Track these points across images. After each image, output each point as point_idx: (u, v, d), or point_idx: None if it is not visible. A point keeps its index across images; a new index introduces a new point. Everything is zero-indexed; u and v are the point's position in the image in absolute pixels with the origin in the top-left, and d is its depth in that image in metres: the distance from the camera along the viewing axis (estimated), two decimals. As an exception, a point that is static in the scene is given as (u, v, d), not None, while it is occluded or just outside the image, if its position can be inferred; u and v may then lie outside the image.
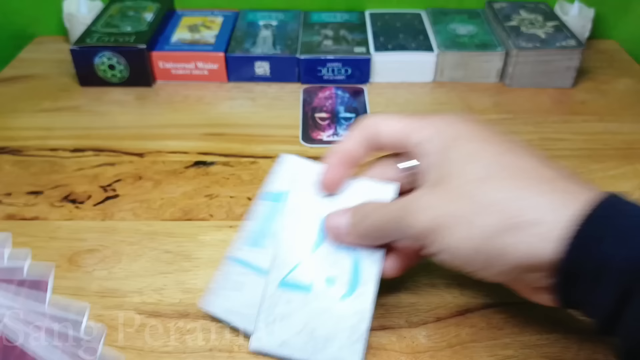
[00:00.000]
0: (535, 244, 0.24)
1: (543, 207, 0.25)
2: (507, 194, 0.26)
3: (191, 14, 0.65)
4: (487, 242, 0.25)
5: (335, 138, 0.50)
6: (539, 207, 0.25)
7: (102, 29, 0.58)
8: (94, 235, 0.40)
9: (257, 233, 0.31)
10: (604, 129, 0.52)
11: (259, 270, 0.30)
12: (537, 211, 0.25)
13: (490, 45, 0.58)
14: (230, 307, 0.30)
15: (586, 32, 0.63)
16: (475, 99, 0.56)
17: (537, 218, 0.25)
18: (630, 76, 0.61)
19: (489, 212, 0.26)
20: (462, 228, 0.26)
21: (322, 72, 0.58)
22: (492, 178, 0.27)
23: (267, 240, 0.31)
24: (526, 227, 0.25)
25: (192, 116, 0.54)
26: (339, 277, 0.30)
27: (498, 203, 0.26)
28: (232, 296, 0.30)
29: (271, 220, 0.31)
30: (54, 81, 0.59)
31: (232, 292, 0.30)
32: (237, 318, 0.29)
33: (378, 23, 0.64)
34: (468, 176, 0.27)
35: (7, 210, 0.42)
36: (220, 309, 0.31)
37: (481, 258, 0.26)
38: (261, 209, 0.32)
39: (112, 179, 0.45)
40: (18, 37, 0.68)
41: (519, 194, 0.26)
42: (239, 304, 0.30)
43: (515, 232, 0.25)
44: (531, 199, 0.25)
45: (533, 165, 0.27)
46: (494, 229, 0.25)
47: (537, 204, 0.25)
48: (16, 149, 0.49)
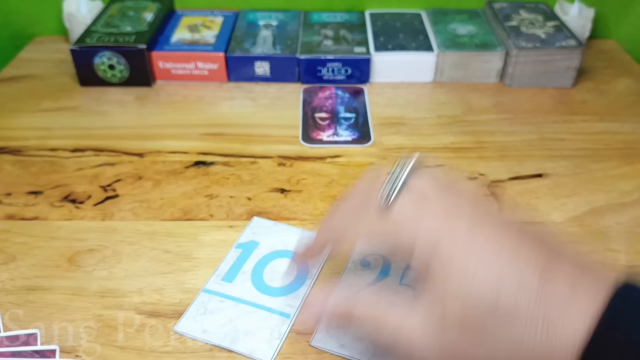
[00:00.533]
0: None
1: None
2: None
3: (191, 14, 0.65)
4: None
5: (335, 138, 0.50)
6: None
7: (102, 29, 0.58)
8: (94, 235, 0.40)
9: (230, 272, 0.38)
10: (604, 128, 0.52)
11: (232, 299, 0.36)
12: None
13: (490, 45, 0.58)
14: (207, 328, 0.34)
15: (586, 32, 0.63)
16: (475, 99, 0.56)
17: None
18: (630, 76, 0.61)
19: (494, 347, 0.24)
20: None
21: (322, 72, 0.58)
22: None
23: (235, 278, 0.37)
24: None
25: (192, 116, 0.54)
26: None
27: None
28: (208, 319, 0.34)
29: (241, 262, 0.38)
30: (54, 81, 0.59)
31: (208, 316, 0.35)
32: (210, 337, 0.33)
33: (378, 23, 0.64)
34: (479, 308, 0.24)
35: (7, 210, 0.42)
36: (197, 330, 0.34)
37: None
38: (232, 254, 0.39)
39: (112, 179, 0.45)
40: (18, 37, 0.68)
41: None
42: (213, 326, 0.34)
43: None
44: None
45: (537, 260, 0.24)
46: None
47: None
48: (16, 149, 0.49)
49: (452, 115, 0.54)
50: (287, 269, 0.37)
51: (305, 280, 0.37)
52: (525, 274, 0.24)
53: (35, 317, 0.34)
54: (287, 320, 0.34)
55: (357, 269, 0.38)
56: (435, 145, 0.50)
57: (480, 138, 0.51)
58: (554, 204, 0.43)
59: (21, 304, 0.35)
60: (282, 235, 0.40)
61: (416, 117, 0.54)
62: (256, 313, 0.35)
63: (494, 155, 0.48)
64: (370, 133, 0.51)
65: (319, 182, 0.45)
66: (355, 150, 0.49)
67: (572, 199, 0.44)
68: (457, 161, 0.48)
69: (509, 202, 0.43)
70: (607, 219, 0.42)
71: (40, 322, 0.34)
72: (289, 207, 0.43)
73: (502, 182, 0.45)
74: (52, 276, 0.37)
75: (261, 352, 0.32)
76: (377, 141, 0.50)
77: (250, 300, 0.36)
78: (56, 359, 0.32)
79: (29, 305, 0.35)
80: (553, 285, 0.23)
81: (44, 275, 0.37)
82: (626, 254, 0.39)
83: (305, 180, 0.45)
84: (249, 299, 0.36)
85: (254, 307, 0.35)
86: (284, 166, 0.47)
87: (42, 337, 0.33)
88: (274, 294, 0.36)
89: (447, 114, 0.54)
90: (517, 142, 0.50)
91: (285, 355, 0.32)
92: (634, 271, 0.26)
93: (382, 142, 0.50)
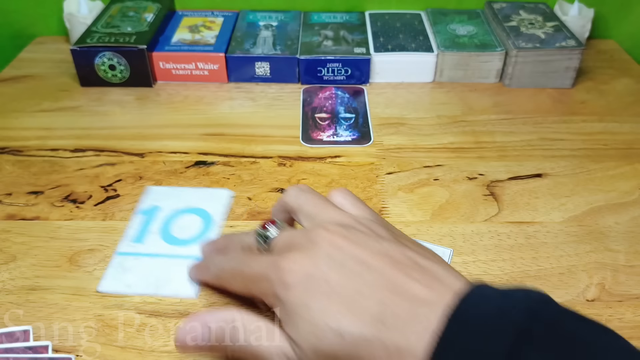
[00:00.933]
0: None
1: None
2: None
3: (191, 14, 0.65)
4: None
5: (335, 138, 0.50)
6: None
7: (103, 29, 0.58)
8: (95, 235, 0.40)
9: (138, 234, 0.40)
10: (604, 129, 0.52)
11: (146, 255, 0.38)
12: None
13: (489, 45, 0.58)
14: (130, 283, 0.36)
15: (586, 32, 0.63)
16: (474, 99, 0.57)
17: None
18: (630, 76, 0.61)
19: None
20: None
21: (322, 73, 0.58)
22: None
23: (145, 238, 0.40)
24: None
25: (193, 116, 0.54)
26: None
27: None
28: (128, 276, 0.37)
29: (147, 225, 0.41)
30: (54, 81, 0.59)
31: (128, 273, 0.37)
32: (134, 290, 0.36)
33: (378, 23, 0.64)
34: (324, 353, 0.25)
35: (7, 210, 0.42)
36: (120, 287, 0.36)
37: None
38: (137, 220, 0.41)
39: (112, 179, 0.45)
40: (18, 37, 0.68)
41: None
42: (135, 280, 0.37)
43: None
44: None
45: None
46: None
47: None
48: (16, 149, 0.49)
49: (451, 115, 0.54)
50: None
51: (210, 225, 0.40)
52: (364, 321, 0.25)
53: (35, 317, 0.34)
54: None
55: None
56: (435, 145, 0.50)
57: (480, 138, 0.51)
58: (554, 204, 0.43)
59: (21, 303, 0.35)
60: (181, 196, 0.43)
61: (416, 117, 0.54)
62: (172, 262, 0.38)
63: (494, 155, 0.49)
64: (370, 133, 0.51)
65: (319, 182, 0.45)
66: (355, 150, 0.49)
67: (571, 199, 0.44)
68: (457, 161, 0.48)
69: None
70: (607, 219, 0.42)
71: (40, 322, 0.34)
72: (289, 207, 0.43)
73: (501, 182, 0.45)
74: (53, 276, 0.37)
75: (185, 291, 0.36)
76: (377, 141, 0.50)
77: (163, 253, 0.38)
78: (49, 354, 0.32)
79: (29, 305, 0.35)
80: (394, 310, 0.24)
81: (44, 275, 0.37)
82: (625, 253, 0.39)
83: (305, 180, 0.45)
84: (162, 252, 0.39)
85: (169, 257, 0.38)
86: (284, 166, 0.47)
87: (42, 337, 0.33)
88: (185, 244, 0.39)
89: (446, 114, 0.54)
90: (516, 142, 0.50)
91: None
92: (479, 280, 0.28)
93: (382, 142, 0.50)
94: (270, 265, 0.28)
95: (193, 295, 0.35)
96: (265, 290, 0.28)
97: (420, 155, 0.49)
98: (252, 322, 0.28)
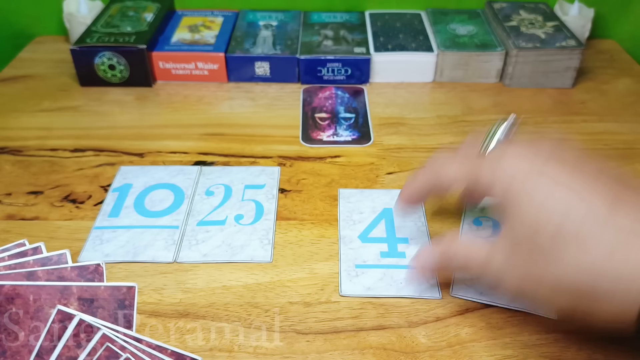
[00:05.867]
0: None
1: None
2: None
3: (191, 14, 0.65)
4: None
5: (335, 138, 0.50)
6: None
7: (102, 29, 0.58)
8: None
9: (113, 209, 0.42)
10: (604, 129, 0.52)
11: (123, 227, 0.40)
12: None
13: (490, 45, 0.58)
14: (108, 253, 0.38)
15: (586, 32, 0.63)
16: (475, 99, 0.57)
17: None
18: (630, 76, 0.61)
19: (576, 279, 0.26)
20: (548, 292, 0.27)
21: (322, 72, 0.58)
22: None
23: (121, 212, 0.42)
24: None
25: (192, 116, 0.54)
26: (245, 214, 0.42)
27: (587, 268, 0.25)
28: (106, 247, 0.39)
29: (122, 201, 0.43)
30: (54, 81, 0.59)
31: (105, 244, 0.39)
32: (113, 258, 0.38)
33: (378, 23, 0.64)
34: (546, 232, 0.26)
35: (7, 210, 0.42)
36: (100, 256, 0.38)
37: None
38: (111, 197, 0.43)
39: (112, 179, 0.45)
40: (18, 37, 0.68)
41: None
42: (113, 249, 0.39)
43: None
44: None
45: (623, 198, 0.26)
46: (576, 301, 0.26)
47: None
48: (16, 149, 0.49)
49: (451, 115, 0.54)
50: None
51: (183, 198, 0.43)
52: (594, 203, 0.26)
53: (35, 317, 0.34)
54: (177, 230, 0.40)
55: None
56: (435, 145, 0.50)
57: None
58: (554, 204, 0.43)
59: (21, 303, 0.35)
60: (152, 174, 0.45)
61: (416, 117, 0.54)
62: (147, 231, 0.40)
63: (494, 155, 0.48)
64: (370, 133, 0.51)
65: (319, 182, 0.45)
66: (355, 150, 0.49)
67: (571, 199, 0.44)
68: (457, 161, 0.48)
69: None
70: (607, 219, 0.42)
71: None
72: (289, 207, 0.43)
73: (501, 182, 0.45)
74: (52, 276, 0.37)
75: (162, 257, 0.38)
76: (377, 141, 0.50)
77: (139, 225, 0.41)
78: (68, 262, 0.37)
79: (29, 305, 0.35)
80: (622, 216, 0.25)
81: (44, 275, 0.37)
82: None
83: (305, 180, 0.45)
84: (138, 224, 0.41)
85: (144, 228, 0.40)
86: (284, 166, 0.47)
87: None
88: (159, 215, 0.41)
89: (446, 114, 0.54)
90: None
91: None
92: None
93: (382, 142, 0.50)
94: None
95: (170, 259, 0.38)
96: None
97: (420, 155, 0.48)
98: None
